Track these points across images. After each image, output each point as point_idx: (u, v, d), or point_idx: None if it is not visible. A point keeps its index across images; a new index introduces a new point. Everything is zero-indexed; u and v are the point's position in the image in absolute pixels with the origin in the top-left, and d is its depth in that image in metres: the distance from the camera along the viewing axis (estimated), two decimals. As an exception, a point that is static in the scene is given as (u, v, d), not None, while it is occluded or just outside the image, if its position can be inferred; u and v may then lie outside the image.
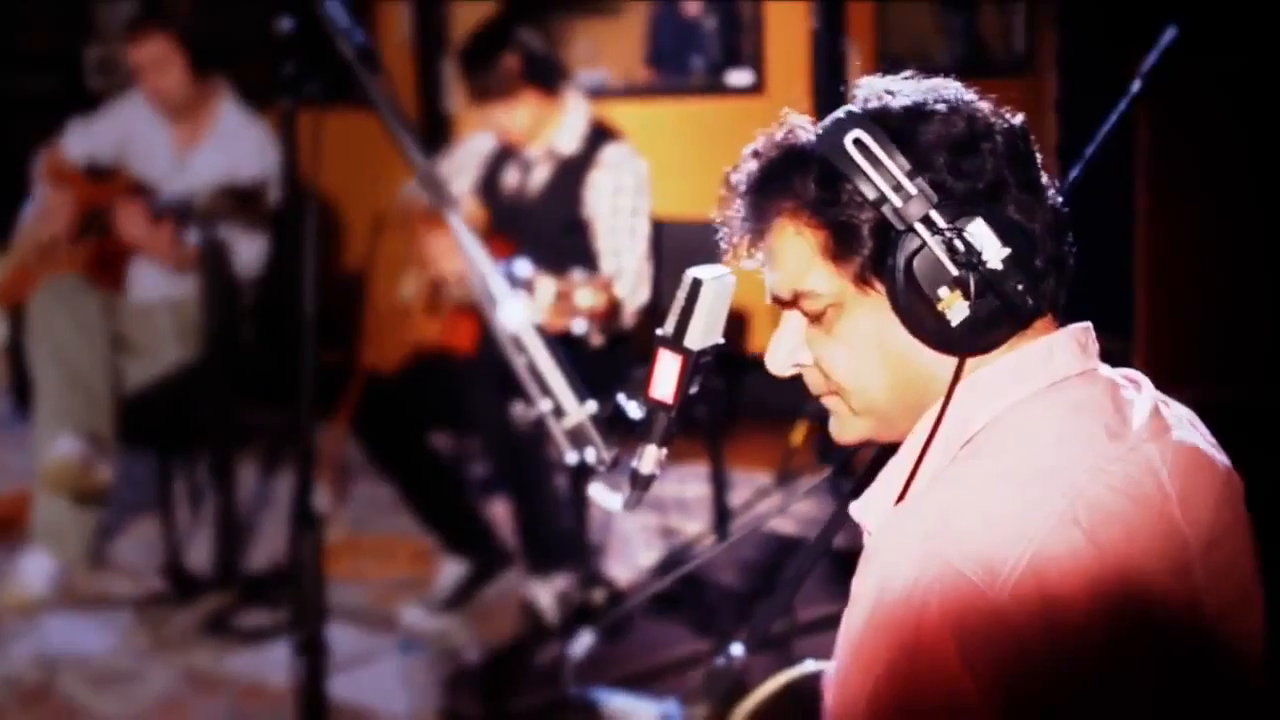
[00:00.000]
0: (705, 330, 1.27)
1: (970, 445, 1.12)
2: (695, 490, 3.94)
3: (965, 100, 1.15)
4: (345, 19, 1.86)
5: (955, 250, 1.09)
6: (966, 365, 1.12)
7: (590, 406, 1.64)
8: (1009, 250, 1.09)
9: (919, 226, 1.09)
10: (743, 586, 3.37)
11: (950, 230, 1.09)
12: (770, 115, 1.20)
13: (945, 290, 1.09)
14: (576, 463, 1.65)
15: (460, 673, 3.08)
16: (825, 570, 1.68)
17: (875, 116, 1.13)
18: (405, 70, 5.36)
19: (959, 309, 1.10)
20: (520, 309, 1.76)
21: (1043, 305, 1.13)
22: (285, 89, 2.07)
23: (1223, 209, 3.68)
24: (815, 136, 1.16)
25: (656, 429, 1.32)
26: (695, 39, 5.37)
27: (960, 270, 1.09)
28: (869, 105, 1.15)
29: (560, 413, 1.67)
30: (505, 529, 3.47)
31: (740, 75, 5.03)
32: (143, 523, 3.95)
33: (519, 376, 1.73)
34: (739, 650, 1.53)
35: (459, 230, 1.85)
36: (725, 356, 1.32)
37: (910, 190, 1.09)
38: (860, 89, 1.18)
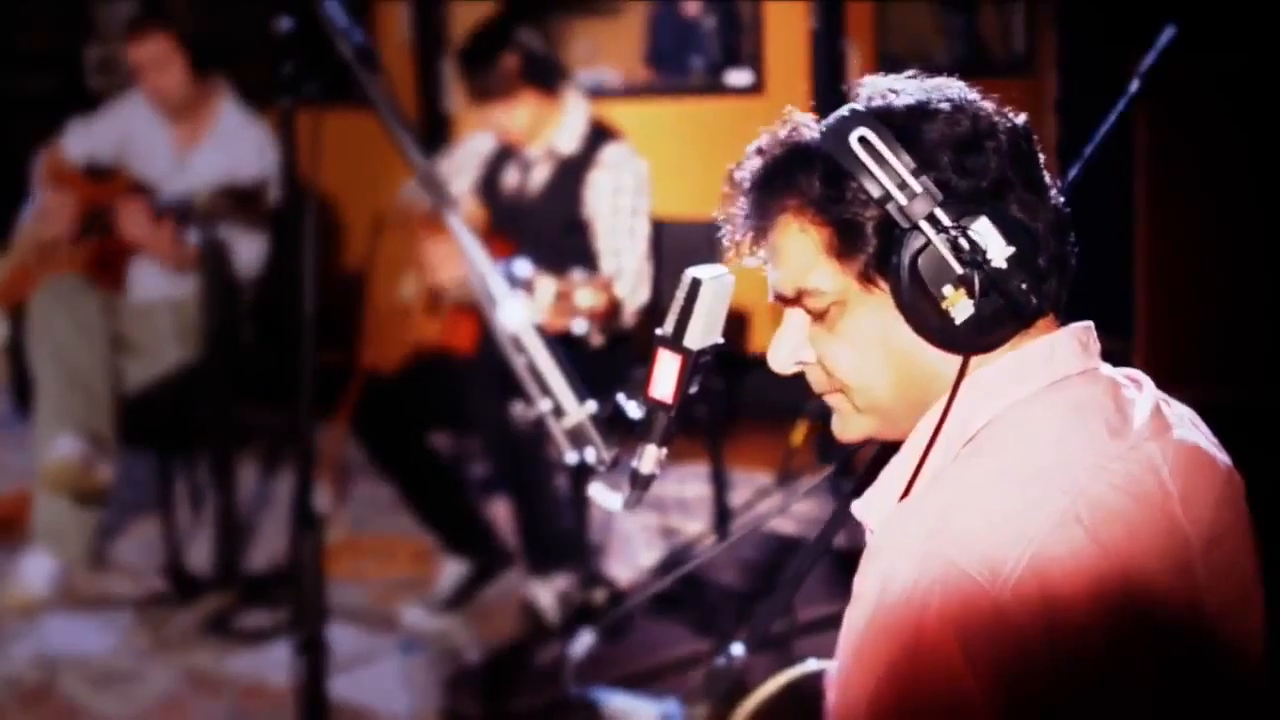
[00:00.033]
0: (705, 330, 1.27)
1: (972, 444, 1.12)
2: (696, 490, 3.94)
3: (969, 99, 1.15)
4: (344, 19, 1.86)
5: (960, 248, 1.09)
6: (968, 364, 1.13)
7: (590, 406, 1.64)
8: (1013, 249, 1.09)
9: (924, 224, 1.09)
10: (743, 586, 3.37)
11: (955, 228, 1.09)
12: (770, 115, 1.20)
13: (949, 288, 1.09)
14: (576, 463, 1.65)
15: (461, 673, 3.08)
16: (826, 570, 1.68)
17: (880, 115, 1.13)
18: (405, 70, 5.36)
19: (963, 307, 1.10)
20: (520, 309, 1.76)
21: (1045, 305, 1.13)
22: (284, 89, 2.07)
23: (1222, 209, 3.68)
24: (820, 134, 1.16)
25: (656, 428, 1.32)
26: (695, 39, 5.37)
27: (965, 268, 1.09)
28: (873, 104, 1.15)
29: (560, 412, 1.67)
30: (505, 529, 3.47)
31: (740, 75, 5.03)
32: (143, 523, 3.95)
33: (519, 376, 1.73)
34: (739, 650, 1.53)
35: (458, 230, 1.85)
36: (726, 356, 1.32)
37: (915, 188, 1.09)
38: (864, 88, 1.18)
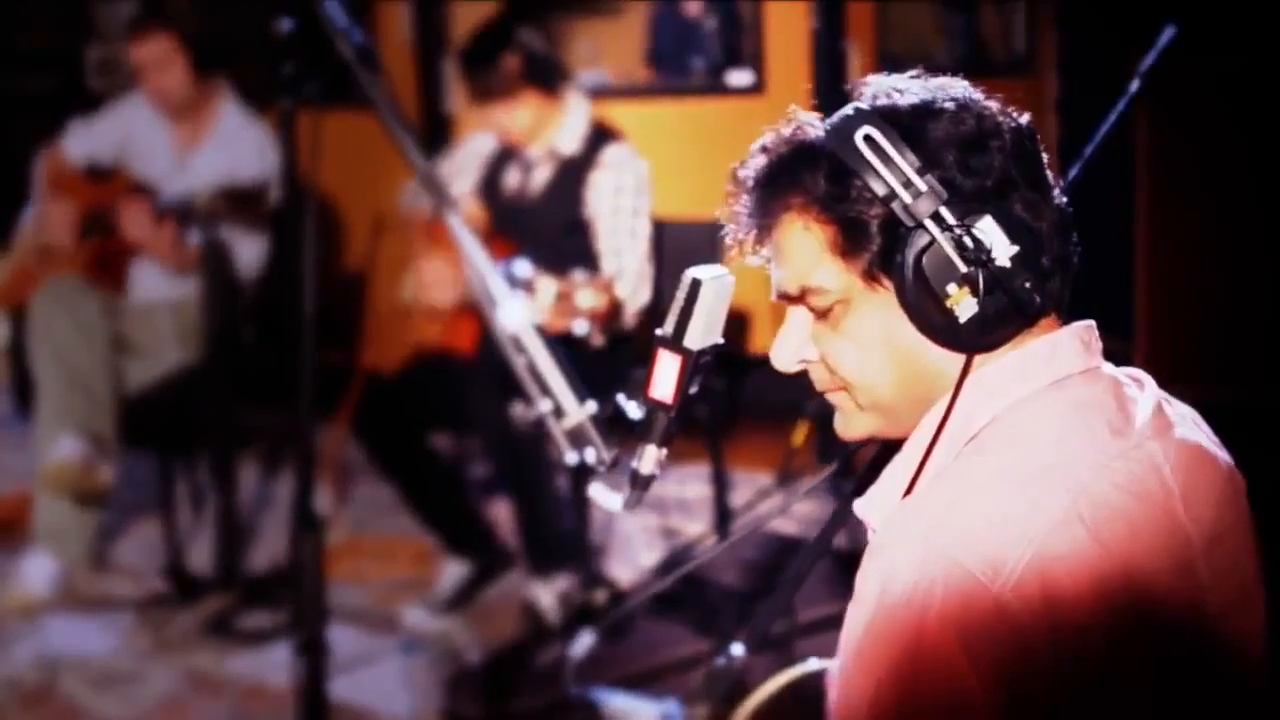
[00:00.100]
0: (705, 330, 1.27)
1: (974, 442, 1.13)
2: (696, 491, 3.94)
3: (974, 99, 1.16)
4: (344, 19, 1.86)
5: (964, 247, 1.09)
6: (971, 362, 1.13)
7: (590, 407, 1.64)
8: (1017, 248, 1.10)
9: (928, 223, 1.10)
10: (744, 587, 3.37)
11: (959, 227, 1.09)
12: (770, 116, 1.20)
13: (953, 287, 1.10)
14: (576, 463, 1.65)
15: (462, 673, 3.08)
16: (826, 570, 1.68)
17: (885, 114, 1.13)
18: (406, 71, 5.36)
19: (967, 306, 1.10)
20: (520, 309, 1.76)
21: (1048, 304, 1.13)
22: (285, 89, 2.07)
23: (1222, 209, 3.68)
24: (825, 132, 1.16)
25: (656, 429, 1.32)
26: (695, 39, 5.37)
27: (969, 267, 1.09)
28: (878, 103, 1.15)
29: (560, 413, 1.67)
30: (506, 530, 3.47)
31: (740, 75, 5.03)
32: (144, 524, 3.95)
33: (519, 377, 1.73)
34: (739, 650, 1.53)
35: (458, 231, 1.85)
36: (726, 356, 1.32)
37: (920, 187, 1.10)
38: (868, 87, 1.18)
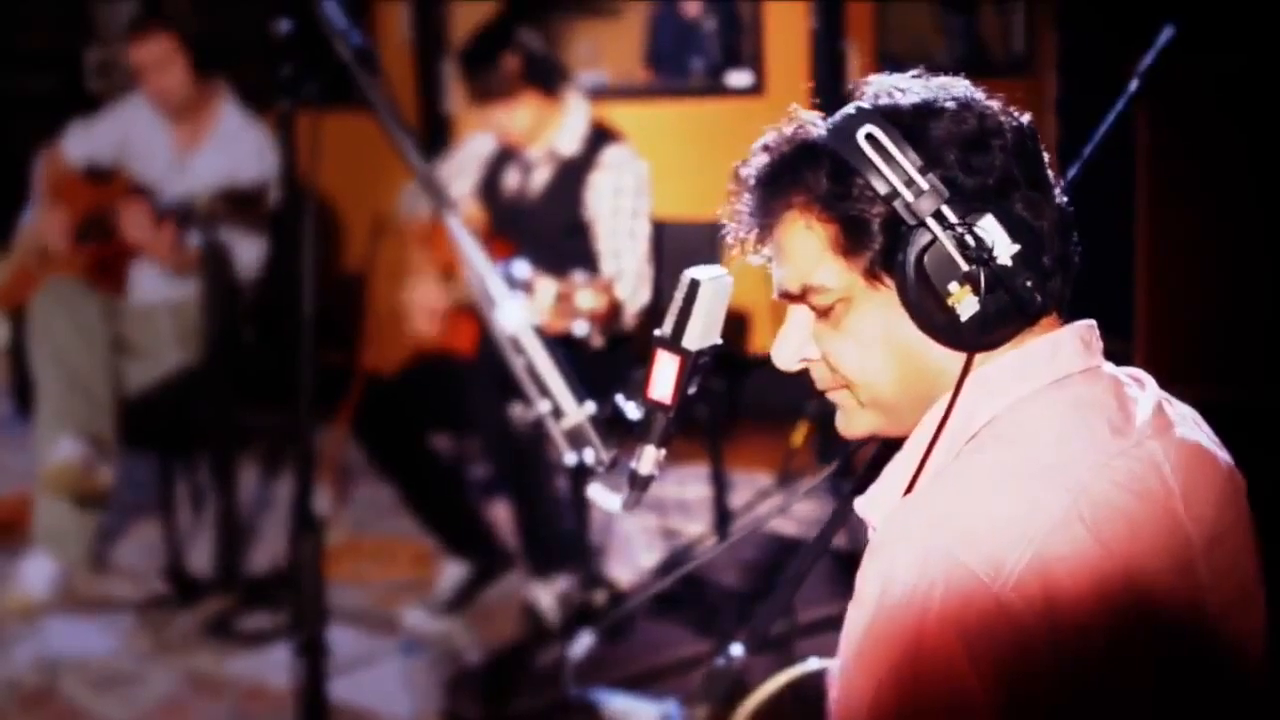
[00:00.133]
0: (703, 331, 1.27)
1: (974, 441, 1.13)
2: (696, 491, 3.94)
3: (975, 98, 1.16)
4: (343, 20, 1.85)
5: (965, 245, 1.09)
6: (972, 361, 1.13)
7: (589, 407, 1.64)
8: (1018, 247, 1.10)
9: (930, 221, 1.10)
10: (743, 587, 3.37)
11: (961, 225, 1.09)
12: (770, 116, 1.20)
13: (955, 285, 1.10)
14: (575, 464, 1.65)
15: (461, 674, 3.08)
16: (826, 570, 1.68)
17: (887, 113, 1.14)
18: (405, 71, 5.36)
19: (968, 304, 1.10)
20: (518, 310, 1.76)
21: (1049, 303, 1.13)
22: (283, 91, 2.07)
23: (1222, 209, 3.68)
24: (827, 131, 1.16)
25: (655, 430, 1.32)
26: (695, 40, 5.36)
27: (970, 265, 1.09)
28: (880, 102, 1.16)
29: (559, 414, 1.67)
30: (506, 531, 3.47)
31: (740, 76, 5.03)
32: (144, 525, 3.95)
33: (517, 378, 1.72)
34: (739, 651, 1.52)
35: (457, 233, 1.85)
36: (726, 357, 1.32)
37: (922, 185, 1.10)
38: (870, 86, 1.18)
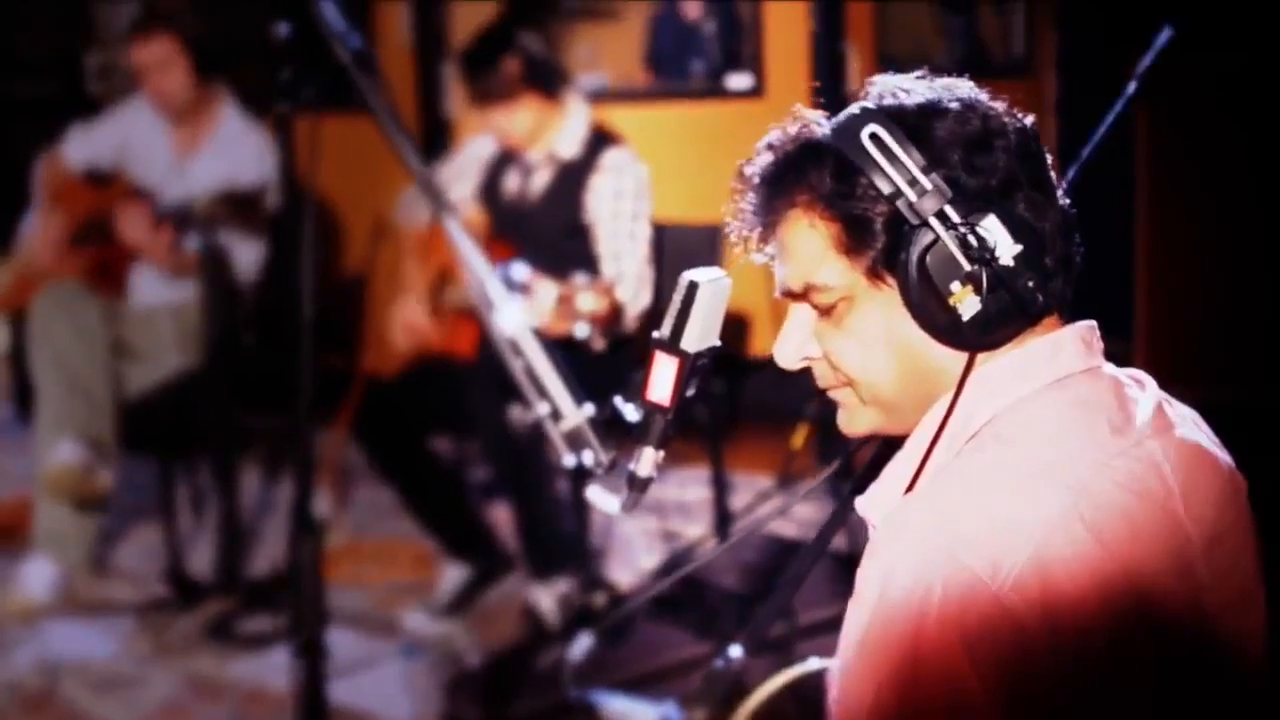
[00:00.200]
0: (702, 333, 1.27)
1: (974, 440, 1.13)
2: (696, 493, 3.94)
3: (979, 99, 1.16)
4: (342, 23, 1.86)
5: (968, 245, 1.09)
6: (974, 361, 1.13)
7: (587, 409, 1.64)
8: (1020, 247, 1.10)
9: (933, 221, 1.10)
10: (743, 589, 3.37)
11: (963, 225, 1.09)
12: (770, 118, 1.21)
13: (957, 285, 1.10)
14: (574, 466, 1.65)
15: (462, 677, 3.08)
16: (826, 572, 1.68)
17: (891, 112, 1.14)
18: (405, 74, 5.36)
19: (970, 304, 1.10)
20: (517, 312, 1.76)
21: (1051, 303, 1.13)
22: (282, 94, 2.07)
23: (1222, 209, 3.68)
24: (831, 130, 1.17)
25: (653, 431, 1.32)
26: (695, 42, 5.36)
27: (972, 265, 1.09)
28: (884, 102, 1.16)
29: (558, 416, 1.67)
30: (506, 533, 3.47)
31: (740, 79, 5.03)
32: (144, 528, 3.95)
33: (516, 380, 1.73)
34: (738, 652, 1.52)
35: (456, 235, 1.85)
36: (726, 359, 1.32)
37: (925, 185, 1.10)
38: (873, 86, 1.19)
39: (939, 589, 1.01)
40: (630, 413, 1.52)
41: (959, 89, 1.17)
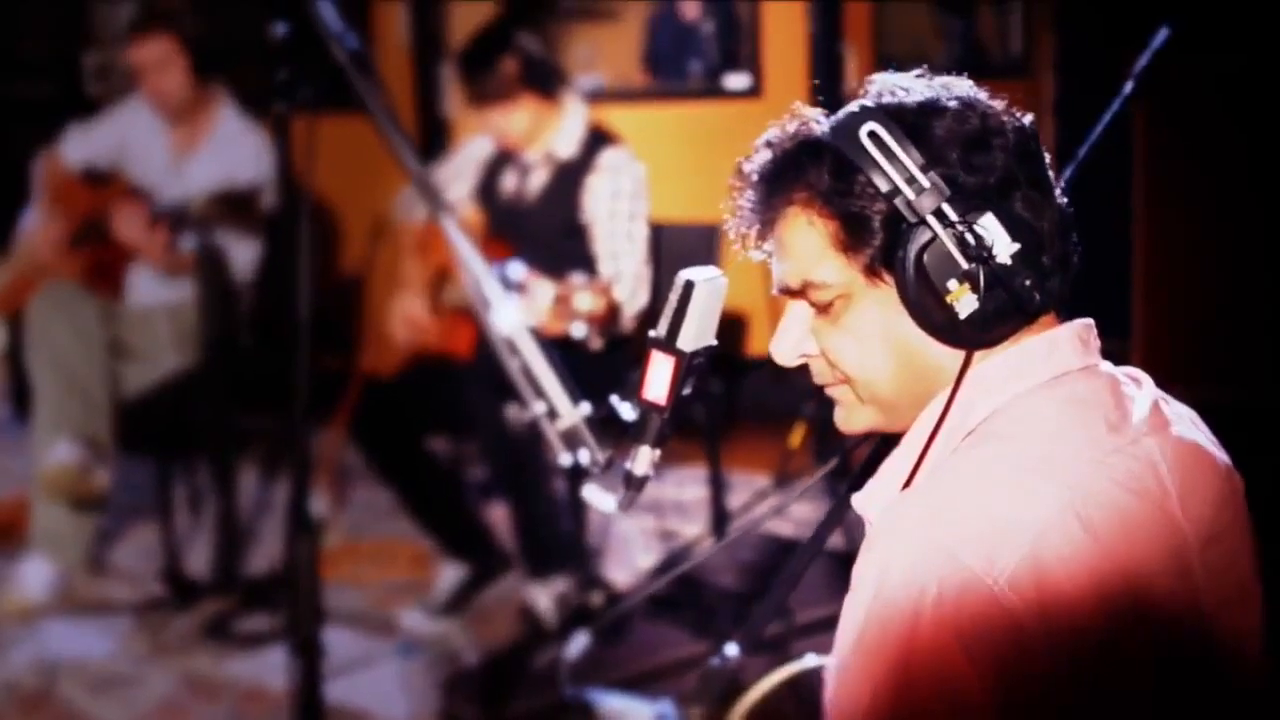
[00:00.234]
0: (698, 332, 1.27)
1: (971, 437, 1.13)
2: (694, 493, 3.94)
3: (977, 98, 1.16)
4: (339, 23, 1.86)
5: (965, 244, 1.10)
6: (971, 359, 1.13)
7: (584, 408, 1.64)
8: (1018, 246, 1.10)
9: (931, 219, 1.10)
10: (740, 588, 3.37)
11: (961, 224, 1.10)
12: (768, 118, 1.21)
13: (954, 283, 1.10)
14: (570, 464, 1.65)
15: (459, 676, 3.08)
16: (823, 571, 1.68)
17: (890, 110, 1.14)
18: (403, 74, 5.36)
19: (967, 302, 1.11)
20: (513, 312, 1.76)
21: (1048, 302, 1.14)
22: (279, 94, 2.07)
23: (1220, 209, 3.68)
24: (830, 128, 1.17)
25: (650, 430, 1.32)
26: (693, 43, 5.37)
27: (970, 264, 1.10)
28: (883, 100, 1.16)
29: (555, 415, 1.67)
30: (504, 532, 3.47)
31: (738, 79, 5.03)
32: (142, 528, 3.95)
33: (513, 379, 1.73)
34: (734, 651, 1.52)
35: (453, 235, 1.85)
36: (723, 358, 1.32)
37: (923, 183, 1.10)
38: (873, 84, 1.19)
39: (935, 586, 1.01)
40: (627, 412, 1.52)
41: (958, 88, 1.17)
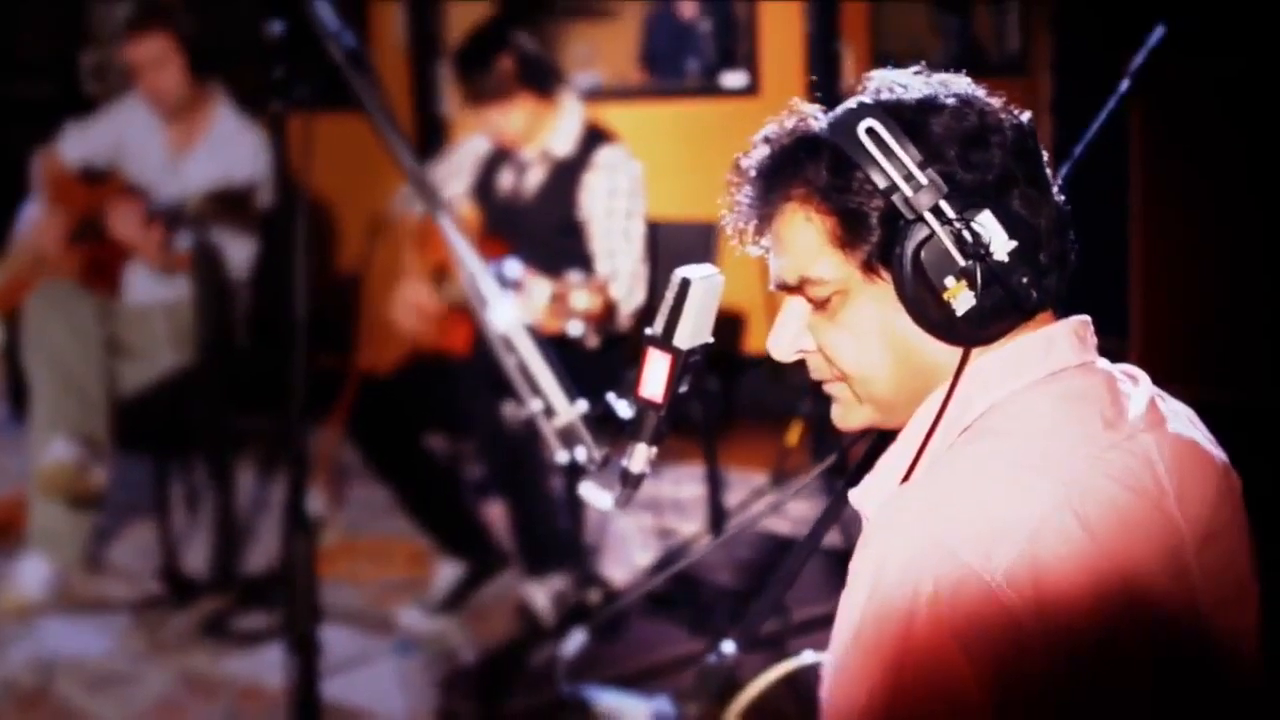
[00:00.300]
0: (694, 330, 1.28)
1: (967, 432, 1.13)
2: (691, 491, 3.95)
3: (976, 95, 1.17)
4: (335, 22, 1.85)
5: (963, 241, 1.10)
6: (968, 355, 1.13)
7: (580, 406, 1.64)
8: (1015, 243, 1.11)
9: (928, 216, 1.10)
10: (737, 585, 3.37)
11: (959, 221, 1.10)
12: (765, 116, 1.21)
13: (951, 280, 1.11)
14: (567, 462, 1.65)
15: (456, 674, 3.08)
16: (820, 569, 1.68)
17: (888, 107, 1.14)
18: (400, 73, 5.36)
19: (964, 299, 1.11)
20: (510, 309, 1.76)
21: (1045, 299, 1.14)
22: (276, 92, 2.07)
23: (1218, 210, 3.68)
24: (828, 124, 1.17)
25: (646, 428, 1.32)
26: (690, 41, 5.37)
27: (967, 261, 1.10)
28: (881, 96, 1.16)
29: (551, 412, 1.67)
30: (501, 530, 3.47)
31: (735, 77, 5.03)
32: (139, 526, 3.95)
33: (509, 377, 1.73)
34: (731, 648, 1.53)
35: (449, 233, 1.85)
36: (721, 356, 1.33)
37: (921, 180, 1.10)
38: (871, 81, 1.19)
39: (931, 582, 1.01)
40: (623, 409, 1.52)
41: (956, 85, 1.17)
